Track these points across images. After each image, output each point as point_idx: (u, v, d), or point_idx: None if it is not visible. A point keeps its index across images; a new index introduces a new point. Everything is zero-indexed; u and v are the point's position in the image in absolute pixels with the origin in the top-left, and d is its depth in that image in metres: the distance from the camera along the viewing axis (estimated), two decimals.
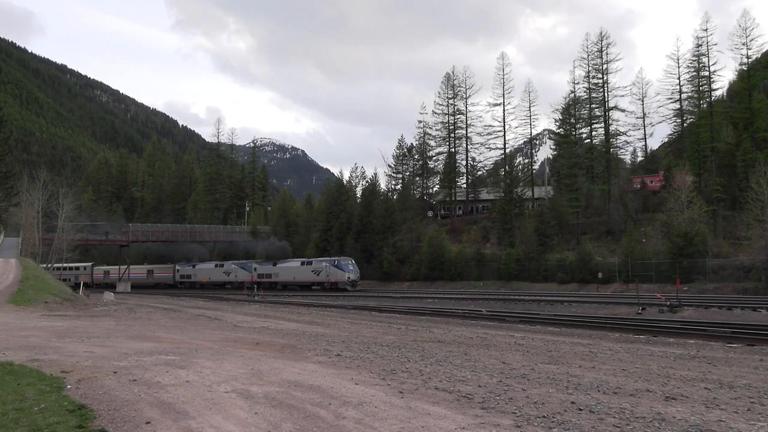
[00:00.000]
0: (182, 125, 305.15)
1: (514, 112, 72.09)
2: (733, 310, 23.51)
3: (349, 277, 49.32)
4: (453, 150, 73.70)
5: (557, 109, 68.78)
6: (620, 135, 64.64)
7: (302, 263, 55.06)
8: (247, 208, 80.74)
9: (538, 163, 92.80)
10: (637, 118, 68.35)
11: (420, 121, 78.58)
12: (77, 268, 77.39)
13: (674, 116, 64.83)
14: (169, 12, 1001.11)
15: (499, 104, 70.03)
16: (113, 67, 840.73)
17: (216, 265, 65.51)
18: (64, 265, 75.94)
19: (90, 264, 79.04)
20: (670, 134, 68.97)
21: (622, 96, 67.57)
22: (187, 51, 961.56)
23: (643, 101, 68.99)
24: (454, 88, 74.37)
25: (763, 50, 55.49)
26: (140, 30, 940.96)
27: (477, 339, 15.21)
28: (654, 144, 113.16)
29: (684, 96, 62.08)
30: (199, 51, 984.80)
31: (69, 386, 7.60)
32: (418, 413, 6.30)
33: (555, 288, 45.01)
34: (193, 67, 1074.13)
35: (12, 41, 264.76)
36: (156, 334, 15.78)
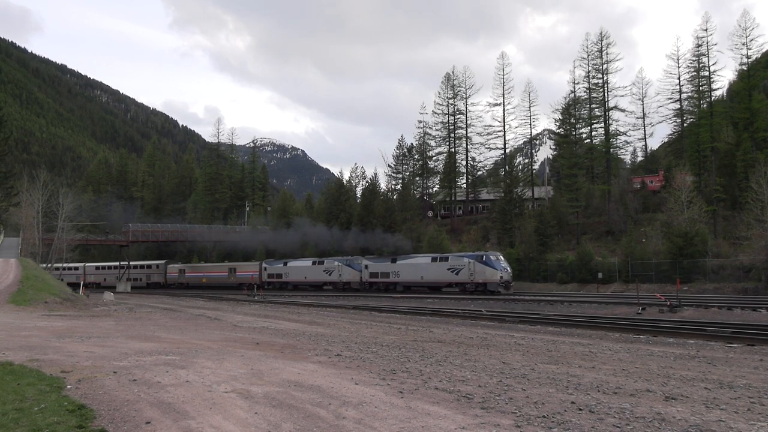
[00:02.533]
0: (182, 125, 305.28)
1: (514, 112, 72.38)
2: (733, 310, 23.51)
3: (501, 277, 39.57)
4: (453, 150, 73.75)
5: (557, 109, 68.98)
6: (620, 135, 64.76)
7: (432, 259, 45.15)
8: (247, 208, 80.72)
9: (538, 163, 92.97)
10: (637, 118, 68.53)
11: (420, 121, 78.85)
12: (148, 267, 74.03)
13: (674, 116, 64.98)
14: (166, 10, 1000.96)
15: (499, 104, 70.19)
16: (112, 67, 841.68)
17: (314, 262, 55.41)
18: (135, 263, 73.78)
19: (163, 262, 74.36)
20: (670, 134, 69.14)
21: (622, 96, 67.80)
22: (185, 50, 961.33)
23: (643, 101, 69.14)
24: (454, 88, 74.47)
25: (763, 50, 55.56)
26: (137, 28, 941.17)
27: (477, 339, 15.20)
28: (654, 144, 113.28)
29: (684, 96, 62.22)
30: (198, 50, 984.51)
31: (69, 386, 7.60)
32: (418, 413, 6.30)
33: (555, 288, 45.01)
34: (192, 67, 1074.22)
35: (12, 41, 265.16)
36: (156, 334, 15.78)
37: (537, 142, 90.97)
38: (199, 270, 68.11)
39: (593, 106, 63.63)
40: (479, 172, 77.56)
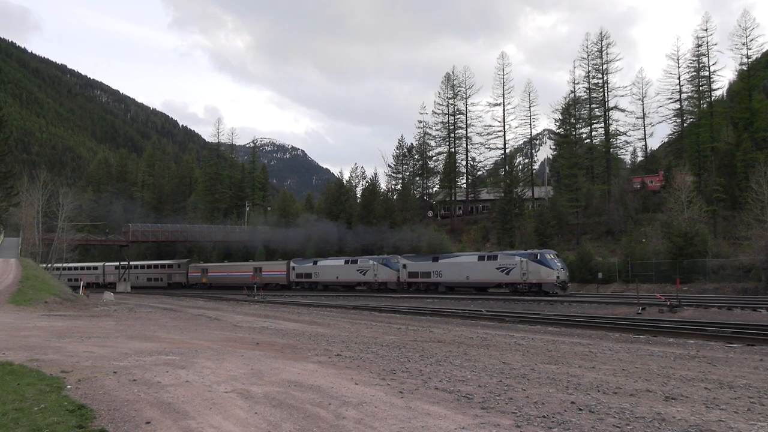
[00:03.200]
0: (182, 125, 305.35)
1: (514, 112, 72.39)
2: (733, 310, 23.51)
3: (558, 277, 36.95)
4: (453, 150, 73.78)
5: (557, 109, 69.01)
6: (620, 135, 64.85)
7: (479, 258, 41.99)
8: (247, 208, 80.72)
9: (538, 163, 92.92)
10: (637, 118, 68.56)
11: (420, 121, 78.91)
12: (169, 266, 72.36)
13: (674, 116, 65.02)
14: (165, 10, 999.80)
15: (499, 104, 70.22)
16: (112, 67, 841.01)
17: (347, 261, 52.25)
18: (155, 262, 73.37)
19: (185, 261, 72.19)
20: (670, 134, 69.19)
21: (622, 96, 67.84)
22: (184, 50, 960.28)
23: (643, 101, 69.16)
24: (454, 88, 74.51)
25: (763, 50, 55.65)
26: (136, 28, 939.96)
27: (477, 339, 15.20)
28: (654, 144, 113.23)
29: (684, 96, 62.25)
30: (197, 50, 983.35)
31: (69, 386, 7.60)
32: (418, 413, 6.30)
33: None
34: (191, 66, 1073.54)
35: (12, 41, 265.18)
36: (156, 334, 15.78)
37: (537, 142, 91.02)
38: (222, 270, 65.54)
39: (593, 106, 63.70)
40: (479, 172, 77.68)
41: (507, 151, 70.82)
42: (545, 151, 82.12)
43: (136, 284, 71.71)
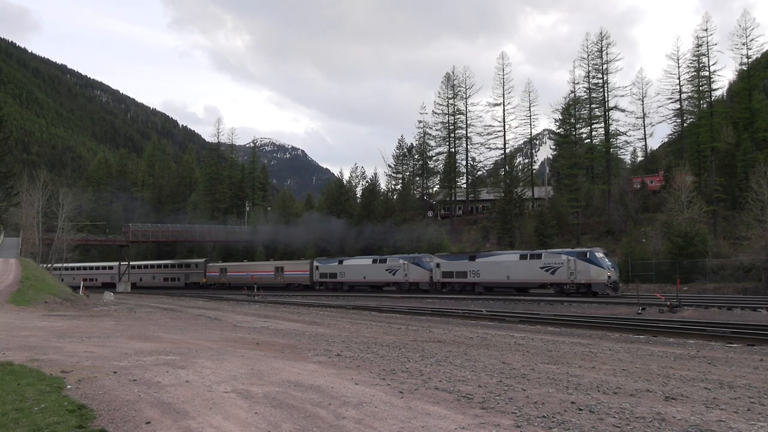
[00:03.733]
0: (182, 125, 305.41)
1: (514, 112, 72.30)
2: (733, 310, 23.51)
3: (609, 276, 34.62)
4: (453, 150, 73.79)
5: (557, 109, 69.03)
6: (620, 135, 64.84)
7: (521, 256, 40.02)
8: (247, 209, 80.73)
9: (538, 163, 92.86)
10: (637, 118, 68.52)
11: (420, 121, 78.84)
12: (187, 266, 69.84)
13: (674, 116, 64.94)
14: (165, 9, 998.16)
15: (499, 104, 70.21)
16: (112, 67, 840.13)
17: (375, 261, 49.57)
18: (173, 261, 71.44)
19: (203, 260, 68.96)
20: (670, 134, 69.13)
21: (622, 96, 67.82)
22: (184, 49, 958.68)
23: (643, 101, 69.11)
24: (454, 88, 74.53)
25: (763, 50, 55.60)
26: (135, 27, 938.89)
27: (477, 339, 15.21)
28: (654, 144, 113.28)
29: (684, 96, 62.16)
30: (197, 49, 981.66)
31: (69, 386, 7.60)
32: (418, 413, 6.30)
33: None
34: (191, 66, 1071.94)
35: (11, 41, 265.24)
36: (156, 334, 15.78)
37: (537, 142, 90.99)
38: (242, 269, 62.73)
39: (593, 106, 63.70)
40: (479, 172, 77.69)
41: (507, 151, 70.86)
42: (545, 151, 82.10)
43: (152, 284, 70.62)
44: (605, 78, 62.51)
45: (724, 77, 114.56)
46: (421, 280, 45.03)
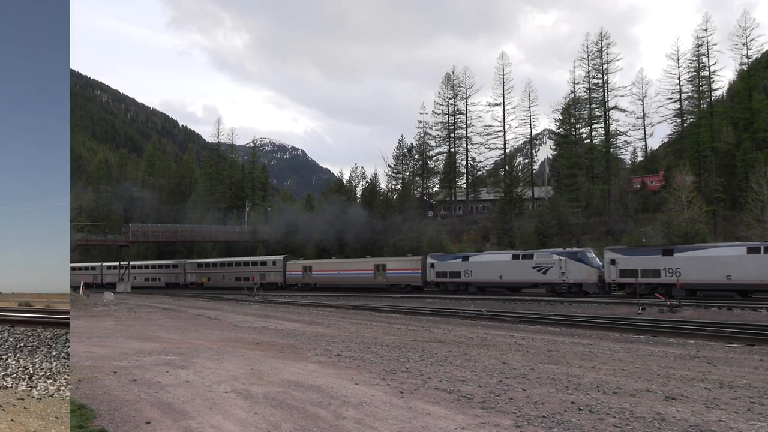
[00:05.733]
0: (182, 125, 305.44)
1: (514, 112, 72.19)
2: (733, 310, 23.52)
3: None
4: (453, 150, 73.77)
5: (557, 109, 68.93)
6: (620, 135, 64.88)
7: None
8: (247, 208, 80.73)
9: (538, 163, 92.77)
10: (637, 118, 68.50)
11: (420, 121, 78.66)
12: (263, 263, 60.88)
13: (674, 116, 64.96)
14: (163, 8, 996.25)
15: (499, 104, 70.21)
16: (111, 67, 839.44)
17: (517, 257, 40.34)
18: (245, 259, 64.45)
19: (281, 258, 59.33)
20: (670, 134, 69.11)
21: (622, 96, 67.72)
22: (182, 48, 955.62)
23: (643, 101, 69.08)
24: (454, 87, 74.51)
25: (763, 50, 55.69)
26: (134, 27, 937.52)
27: (477, 339, 15.20)
28: (654, 144, 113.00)
29: (684, 96, 62.18)
30: (195, 48, 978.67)
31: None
32: (418, 413, 6.30)
33: None
34: (189, 65, 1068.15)
35: None
36: (156, 334, 15.78)
37: (537, 142, 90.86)
38: (332, 268, 53.99)
39: (593, 106, 63.71)
40: (479, 172, 77.60)
41: (507, 151, 70.87)
42: (545, 151, 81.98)
43: (221, 285, 63.32)
44: (605, 78, 62.59)
45: (724, 77, 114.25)
46: (585, 280, 36.30)
